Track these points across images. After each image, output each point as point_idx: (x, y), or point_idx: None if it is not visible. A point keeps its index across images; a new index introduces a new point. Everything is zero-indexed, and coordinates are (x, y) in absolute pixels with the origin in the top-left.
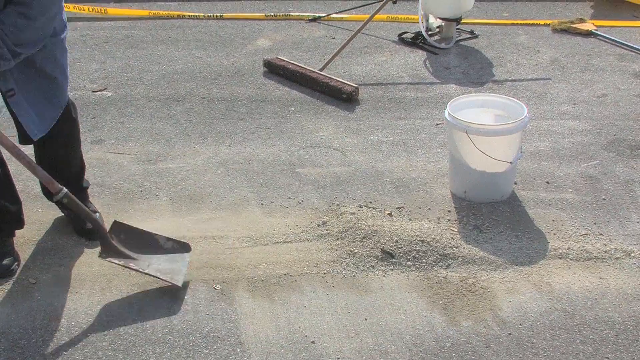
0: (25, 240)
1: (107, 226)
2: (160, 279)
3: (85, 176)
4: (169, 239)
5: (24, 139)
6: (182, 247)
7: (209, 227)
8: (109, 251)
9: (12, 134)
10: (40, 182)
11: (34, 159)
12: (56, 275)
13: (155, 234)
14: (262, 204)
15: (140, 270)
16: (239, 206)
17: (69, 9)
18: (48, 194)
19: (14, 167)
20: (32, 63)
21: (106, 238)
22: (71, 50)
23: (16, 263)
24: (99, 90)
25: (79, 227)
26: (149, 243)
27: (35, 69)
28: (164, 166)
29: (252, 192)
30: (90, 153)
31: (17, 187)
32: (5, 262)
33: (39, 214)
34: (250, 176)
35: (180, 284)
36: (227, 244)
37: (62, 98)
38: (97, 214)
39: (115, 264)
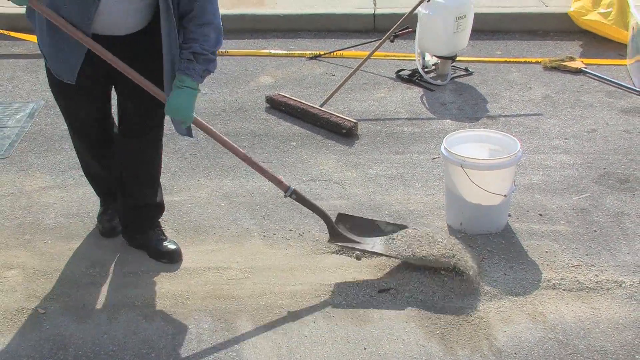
0: (34, 271)
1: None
2: (386, 255)
3: (94, 209)
4: (388, 224)
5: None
6: (400, 228)
7: (213, 258)
8: (337, 237)
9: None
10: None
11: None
12: (64, 305)
13: (376, 220)
14: (264, 236)
15: (367, 249)
16: (241, 238)
17: None
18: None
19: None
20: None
21: (334, 227)
22: None
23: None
24: None
25: (155, 251)
26: (371, 228)
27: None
28: (170, 199)
29: (254, 224)
30: None
31: (27, 219)
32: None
33: (48, 246)
34: (253, 209)
35: (398, 257)
36: (230, 275)
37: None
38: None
39: (343, 246)
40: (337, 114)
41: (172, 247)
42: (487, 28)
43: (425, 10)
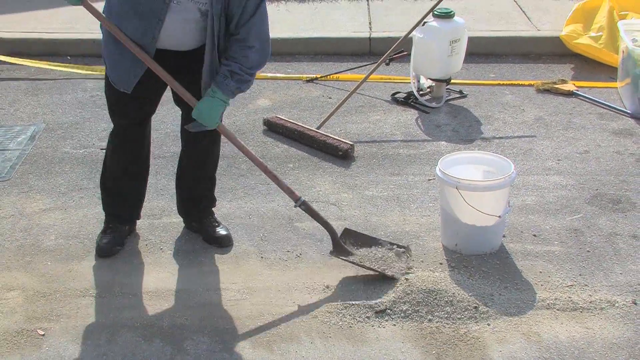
0: (34, 293)
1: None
2: (379, 271)
3: (94, 231)
4: (391, 243)
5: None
6: (401, 248)
7: (211, 279)
8: (339, 251)
9: None
10: (180, 201)
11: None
12: (64, 326)
13: (379, 239)
14: (262, 257)
15: (363, 264)
16: (239, 259)
17: (81, 69)
18: (186, 213)
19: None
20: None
21: (338, 241)
22: (81, 110)
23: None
24: None
25: (208, 235)
26: (373, 246)
27: None
28: (168, 221)
29: (252, 245)
30: (98, 207)
31: (27, 241)
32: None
33: (48, 267)
34: (251, 230)
35: (395, 276)
36: (228, 296)
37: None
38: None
39: (343, 259)
40: (334, 137)
41: (224, 232)
42: (481, 51)
43: (420, 34)
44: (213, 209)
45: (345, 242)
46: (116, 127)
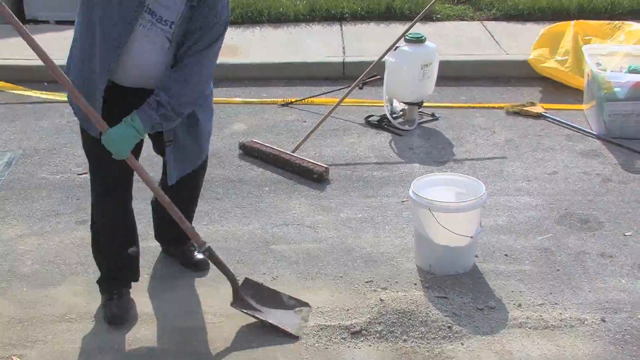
0: (10, 319)
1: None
2: (279, 327)
3: (70, 256)
4: (290, 297)
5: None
6: (301, 304)
7: (188, 303)
8: (240, 301)
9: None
10: (157, 226)
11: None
12: (40, 352)
13: (279, 292)
14: (238, 280)
15: (263, 319)
16: (216, 282)
17: (58, 95)
18: (163, 238)
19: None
20: (192, 115)
21: (238, 291)
22: (58, 136)
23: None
24: (84, 173)
25: (186, 259)
26: (273, 299)
27: (193, 120)
28: (146, 245)
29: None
30: (74, 233)
31: (4, 266)
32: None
33: (24, 293)
34: (227, 253)
35: (295, 333)
36: (206, 319)
37: (207, 147)
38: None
39: (244, 312)
40: (309, 160)
41: (200, 256)
42: (452, 75)
43: (392, 58)
44: None
45: (246, 294)
46: (99, 194)
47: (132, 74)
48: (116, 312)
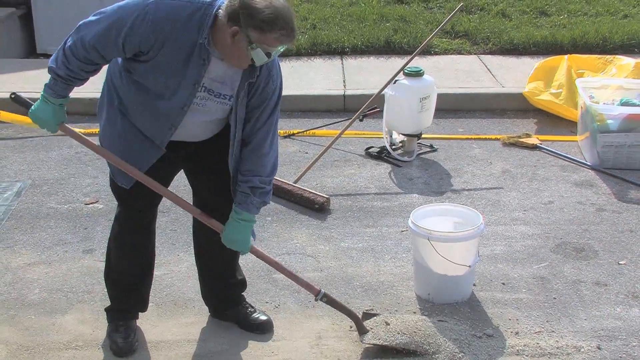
0: (17, 347)
1: None
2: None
3: (77, 284)
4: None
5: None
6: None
7: (192, 331)
8: (367, 336)
9: None
10: (206, 291)
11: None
12: None
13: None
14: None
15: (394, 345)
16: None
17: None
18: (218, 300)
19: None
20: None
21: (362, 325)
22: (66, 167)
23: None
24: (91, 203)
25: (248, 323)
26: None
27: None
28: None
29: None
30: (81, 261)
31: (12, 295)
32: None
33: (31, 321)
34: None
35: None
36: (209, 347)
37: None
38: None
39: (376, 344)
40: (310, 190)
41: (263, 318)
42: (450, 107)
43: (391, 91)
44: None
45: (368, 325)
46: (122, 218)
47: (182, 136)
48: (122, 346)
